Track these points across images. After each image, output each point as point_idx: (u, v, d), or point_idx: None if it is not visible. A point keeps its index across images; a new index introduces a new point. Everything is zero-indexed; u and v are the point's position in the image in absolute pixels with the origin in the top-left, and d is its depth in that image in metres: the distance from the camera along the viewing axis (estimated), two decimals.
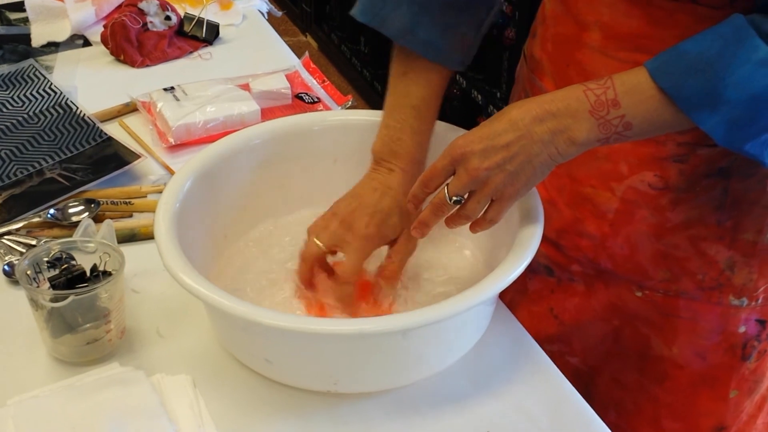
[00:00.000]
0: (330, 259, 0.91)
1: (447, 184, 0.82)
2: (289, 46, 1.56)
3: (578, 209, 0.95)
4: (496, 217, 0.83)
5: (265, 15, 1.65)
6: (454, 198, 0.81)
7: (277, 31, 1.61)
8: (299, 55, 1.47)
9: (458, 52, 0.94)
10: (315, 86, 1.38)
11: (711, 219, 0.94)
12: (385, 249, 0.92)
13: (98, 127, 1.21)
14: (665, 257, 0.97)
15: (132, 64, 1.42)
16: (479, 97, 2.37)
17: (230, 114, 1.24)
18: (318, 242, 0.90)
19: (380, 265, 0.92)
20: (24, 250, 1.01)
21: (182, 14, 1.51)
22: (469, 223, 0.84)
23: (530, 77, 1.04)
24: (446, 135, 0.99)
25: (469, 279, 0.94)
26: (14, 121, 1.23)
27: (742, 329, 1.00)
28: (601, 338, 1.04)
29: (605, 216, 0.97)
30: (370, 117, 1.01)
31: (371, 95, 3.05)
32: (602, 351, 0.91)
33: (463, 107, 2.44)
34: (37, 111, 1.26)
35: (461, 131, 0.99)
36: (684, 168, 0.91)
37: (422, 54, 0.92)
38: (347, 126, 1.03)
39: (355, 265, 0.89)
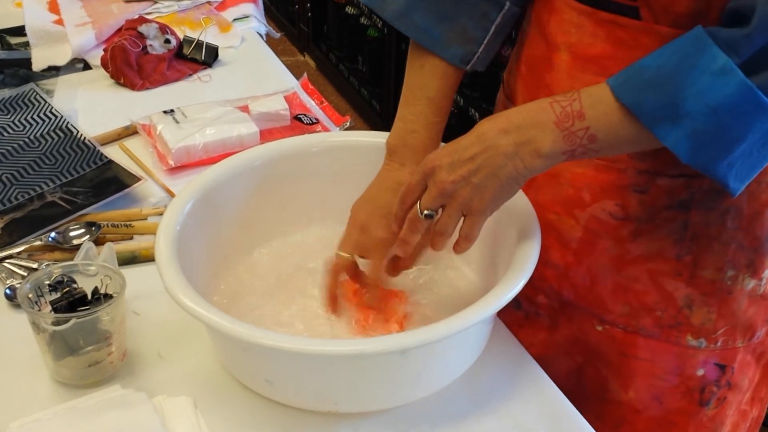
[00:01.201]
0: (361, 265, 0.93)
1: (419, 200, 0.83)
2: (287, 65, 1.57)
3: (544, 237, 0.93)
4: (470, 233, 0.82)
5: (264, 37, 1.67)
6: (426, 212, 0.82)
7: (275, 51, 1.62)
8: (297, 75, 1.48)
9: (457, 46, 0.93)
10: (313, 107, 1.39)
11: (670, 253, 0.93)
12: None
13: (99, 151, 1.22)
14: (625, 290, 0.96)
15: (132, 87, 1.44)
16: (476, 114, 2.38)
17: (230, 136, 1.25)
18: (342, 254, 0.92)
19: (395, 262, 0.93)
20: (25, 274, 1.02)
21: (181, 37, 1.52)
22: (448, 242, 0.84)
23: (505, 102, 1.04)
24: None
25: (467, 298, 0.95)
26: (15, 145, 1.24)
27: (700, 372, 0.98)
28: (566, 376, 1.03)
29: (569, 245, 0.97)
30: (368, 138, 1.02)
31: (369, 114, 3.06)
32: (567, 391, 0.91)
33: (460, 125, 2.45)
34: (37, 135, 1.27)
35: None
36: (644, 198, 0.91)
37: (417, 40, 0.93)
38: (346, 147, 1.04)
39: (378, 269, 0.91)
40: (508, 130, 0.78)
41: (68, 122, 1.30)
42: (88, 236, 1.06)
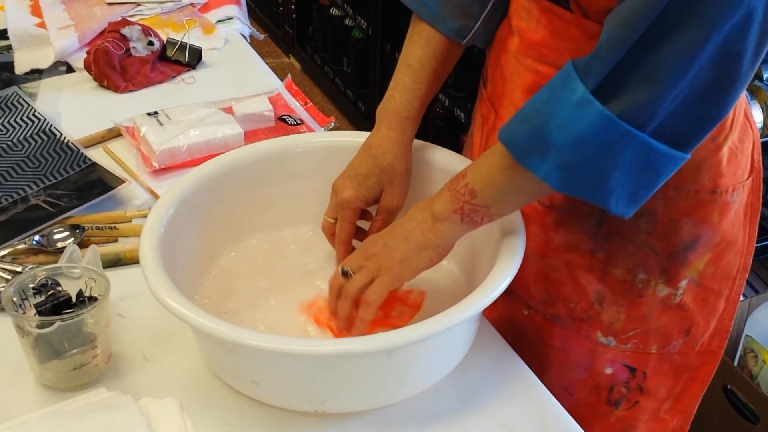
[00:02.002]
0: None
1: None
2: (272, 67, 1.57)
3: None
4: (370, 294, 0.86)
5: (248, 38, 1.66)
6: (342, 269, 0.88)
7: (260, 53, 1.62)
8: (283, 77, 1.48)
9: (454, 20, 0.95)
10: (298, 108, 1.39)
11: (586, 247, 0.95)
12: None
13: (82, 153, 1.22)
14: (545, 278, 0.99)
15: (115, 89, 1.43)
16: (462, 115, 2.39)
17: (214, 137, 1.25)
18: (327, 217, 0.97)
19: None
20: (9, 277, 1.01)
21: (165, 39, 1.51)
22: (349, 309, 0.88)
23: (480, 88, 1.07)
24: (424, 153, 1.01)
25: (452, 296, 0.95)
26: None
27: (608, 370, 1.01)
28: None
29: None
30: (353, 138, 1.02)
31: (355, 115, 3.06)
32: None
33: (445, 126, 2.46)
34: (20, 138, 1.26)
35: (439, 149, 1.01)
36: None
37: (416, 12, 0.96)
38: (331, 147, 1.04)
39: (341, 227, 0.96)
40: (422, 206, 0.87)
41: (51, 125, 1.29)
42: (72, 239, 1.06)
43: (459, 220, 0.84)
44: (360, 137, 1.00)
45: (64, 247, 1.01)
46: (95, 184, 1.16)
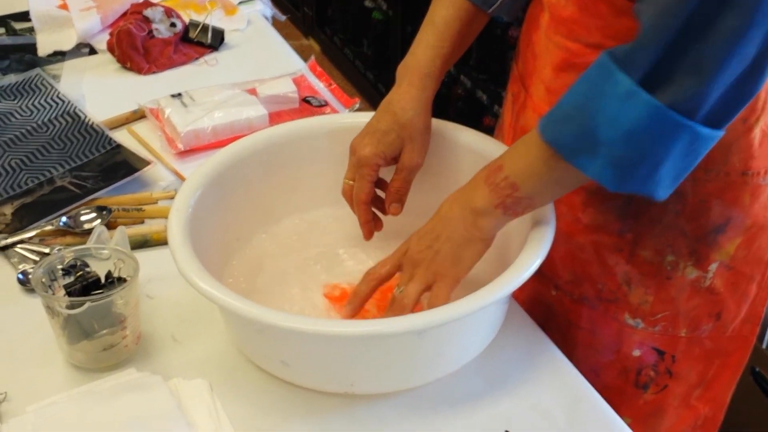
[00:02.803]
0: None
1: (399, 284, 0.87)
2: (292, 49, 1.56)
3: None
4: (435, 301, 0.84)
5: (270, 19, 1.65)
6: (398, 289, 0.86)
7: (279, 35, 1.61)
8: (302, 59, 1.47)
9: None
10: (322, 89, 1.39)
11: (614, 227, 0.94)
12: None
13: (107, 135, 1.22)
14: (573, 258, 0.98)
15: (138, 71, 1.43)
16: (484, 97, 2.37)
17: (238, 119, 1.25)
18: (346, 180, 0.95)
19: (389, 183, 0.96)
20: (37, 259, 1.01)
21: (187, 21, 1.51)
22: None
23: (513, 62, 1.06)
24: (452, 133, 1.00)
25: (481, 278, 0.94)
26: (23, 131, 1.24)
27: (636, 353, 1.00)
28: None
29: None
30: None
31: (375, 97, 3.05)
32: None
33: (468, 107, 2.44)
34: (45, 120, 1.27)
35: (465, 129, 1.00)
36: None
37: None
38: (356, 128, 1.03)
39: (359, 186, 0.94)
40: (456, 199, 0.85)
41: (75, 107, 1.29)
42: (99, 220, 1.06)
43: (501, 213, 0.82)
44: None
45: (90, 229, 1.02)
46: (120, 165, 1.16)
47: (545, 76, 0.94)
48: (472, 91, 2.42)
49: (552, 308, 1.03)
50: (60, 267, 0.89)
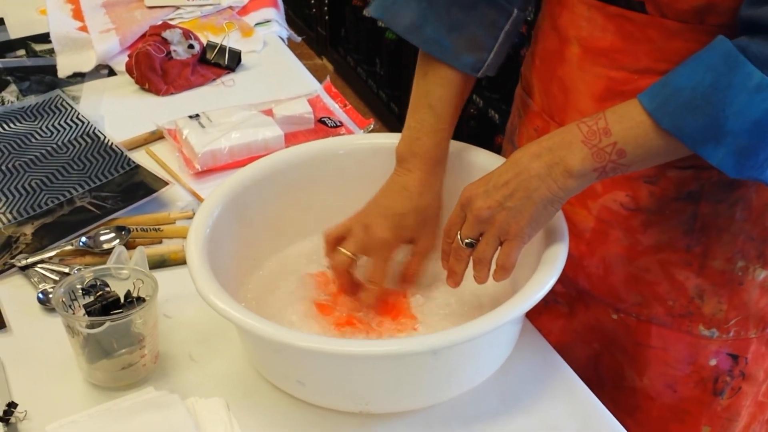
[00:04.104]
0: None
1: (460, 231, 0.85)
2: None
3: None
4: (506, 260, 0.84)
5: (285, 41, 1.68)
6: (466, 241, 0.84)
7: (295, 55, 1.63)
8: (316, 79, 1.49)
9: (468, 54, 0.94)
10: (337, 110, 1.40)
11: (680, 244, 0.94)
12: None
13: (126, 156, 1.24)
14: (637, 280, 0.97)
15: (157, 92, 1.45)
16: (496, 116, 2.38)
17: (255, 140, 1.26)
18: (344, 251, 0.93)
19: (403, 266, 0.96)
20: (57, 278, 1.03)
21: (205, 42, 1.53)
22: (488, 272, 0.85)
23: (522, 95, 1.06)
24: (463, 154, 1.01)
25: (495, 297, 0.95)
26: (43, 151, 1.26)
27: (713, 362, 0.99)
28: (585, 363, 1.04)
29: (582, 235, 0.98)
30: (396, 140, 1.03)
31: (388, 117, 3.07)
32: (584, 378, 0.92)
33: (479, 127, 2.46)
34: (65, 141, 1.29)
35: (479, 150, 1.01)
36: (654, 189, 0.92)
37: (429, 52, 0.94)
38: (371, 149, 1.05)
39: (377, 267, 0.93)
40: (539, 154, 0.81)
41: (95, 128, 1.31)
42: (118, 240, 1.07)
43: (595, 177, 0.80)
44: None
45: (110, 249, 1.03)
46: (139, 186, 1.17)
47: (584, 107, 0.93)
48: (484, 111, 2.44)
49: (615, 332, 1.02)
50: (80, 286, 0.90)
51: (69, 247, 1.07)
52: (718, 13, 0.80)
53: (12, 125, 1.33)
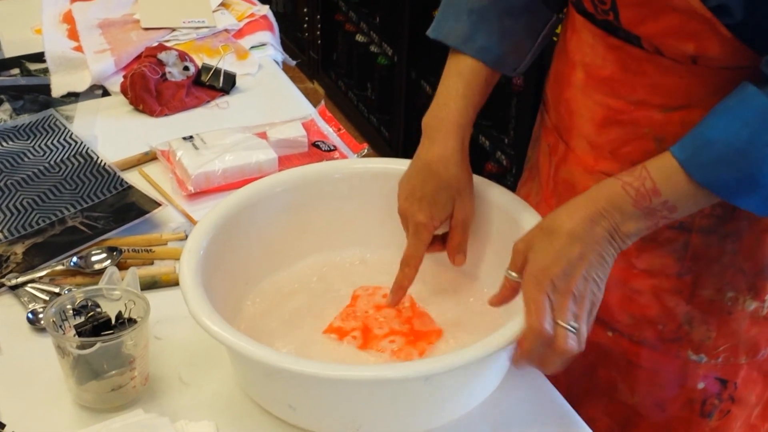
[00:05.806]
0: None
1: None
2: None
3: None
4: (589, 326, 0.83)
5: (280, 64, 1.68)
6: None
7: (289, 79, 1.64)
8: (310, 102, 1.50)
9: (512, 58, 0.98)
10: (331, 134, 1.41)
11: (672, 270, 0.95)
12: None
13: (119, 176, 1.24)
14: (630, 302, 0.99)
15: (151, 113, 1.45)
16: (487, 143, 2.40)
17: (248, 162, 1.26)
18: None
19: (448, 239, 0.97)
20: (47, 298, 1.02)
21: (200, 64, 1.53)
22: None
23: (542, 111, 1.08)
24: (477, 188, 1.01)
25: (487, 323, 0.95)
26: (36, 171, 1.26)
27: (701, 385, 1.00)
28: (580, 373, 1.05)
29: None
30: (390, 165, 1.04)
31: (379, 141, 3.08)
32: (582, 387, 0.92)
33: (471, 153, 2.46)
34: (58, 160, 1.28)
35: (492, 185, 1.01)
36: None
37: (479, 59, 0.97)
38: (368, 173, 1.05)
39: (414, 249, 0.95)
40: (595, 219, 0.82)
41: (88, 148, 1.31)
42: (109, 261, 1.07)
43: (648, 230, 0.84)
44: (397, 164, 1.01)
45: (101, 269, 1.03)
46: (131, 206, 1.17)
47: (586, 132, 0.95)
48: (475, 137, 2.45)
49: (609, 348, 1.03)
50: (71, 307, 0.90)
51: (60, 267, 1.07)
52: (710, 58, 0.83)
53: (5, 144, 1.33)
